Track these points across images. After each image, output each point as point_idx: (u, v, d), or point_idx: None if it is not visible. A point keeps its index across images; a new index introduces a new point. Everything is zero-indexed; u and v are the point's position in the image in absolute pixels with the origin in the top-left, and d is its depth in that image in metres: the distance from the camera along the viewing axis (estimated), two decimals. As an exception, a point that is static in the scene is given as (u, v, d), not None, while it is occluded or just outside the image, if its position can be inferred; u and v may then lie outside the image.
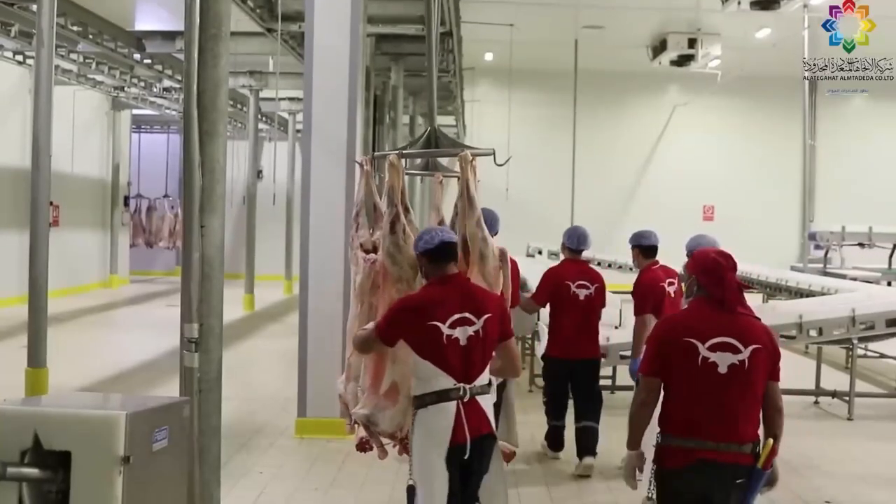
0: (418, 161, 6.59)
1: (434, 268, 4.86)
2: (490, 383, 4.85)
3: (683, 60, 22.48)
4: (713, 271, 4.47)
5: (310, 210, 9.20)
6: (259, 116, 23.62)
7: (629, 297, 8.36)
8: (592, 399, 8.37)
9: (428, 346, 4.66)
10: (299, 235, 9.53)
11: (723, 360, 4.30)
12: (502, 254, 5.63)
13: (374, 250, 5.64)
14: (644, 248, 8.49)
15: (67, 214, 22.31)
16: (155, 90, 21.86)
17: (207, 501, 4.75)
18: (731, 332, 4.34)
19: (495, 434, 4.83)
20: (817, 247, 22.42)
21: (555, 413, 8.57)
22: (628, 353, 10.51)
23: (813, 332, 11.06)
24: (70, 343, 15.05)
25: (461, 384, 4.66)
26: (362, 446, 5.55)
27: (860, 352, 12.15)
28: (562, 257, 9.16)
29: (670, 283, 8.14)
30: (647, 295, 7.89)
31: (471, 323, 4.69)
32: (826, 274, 19.03)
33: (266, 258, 25.26)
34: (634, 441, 4.51)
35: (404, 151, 6.09)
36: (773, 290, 17.61)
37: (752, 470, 4.34)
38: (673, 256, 26.81)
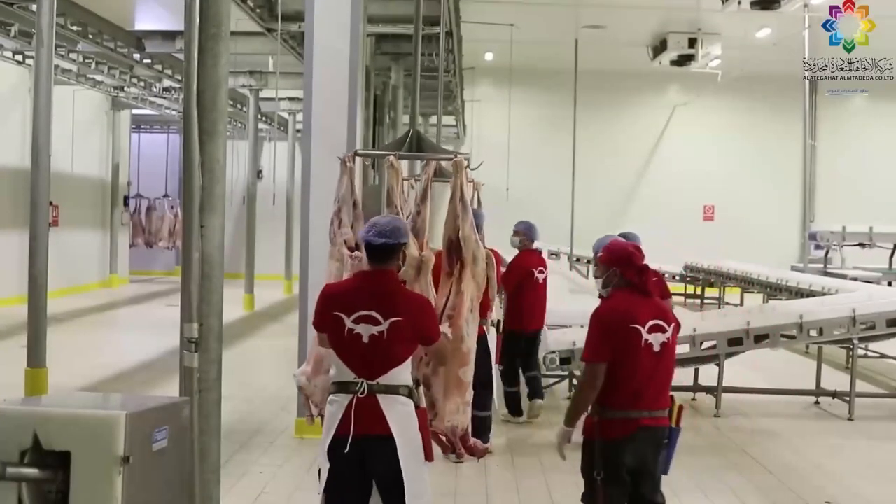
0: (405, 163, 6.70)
1: (368, 261, 4.88)
2: (407, 387, 4.77)
3: (684, 60, 22.46)
4: (629, 260, 5.00)
5: (310, 210, 9.19)
6: (259, 116, 23.61)
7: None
8: (533, 355, 10.07)
9: (333, 335, 4.76)
10: (299, 235, 9.53)
11: (656, 340, 4.90)
12: (488, 256, 5.85)
13: (358, 247, 5.66)
14: None
15: (67, 214, 22.30)
16: (155, 90, 21.85)
17: (207, 501, 4.74)
18: (658, 315, 4.96)
19: (393, 437, 4.63)
20: (818, 247, 22.39)
21: (510, 381, 10.04)
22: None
23: (813, 333, 11.06)
24: (70, 343, 15.05)
25: (360, 379, 4.68)
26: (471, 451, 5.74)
27: (861, 352, 12.15)
28: (563, 257, 10.15)
29: (540, 271, 10.33)
30: None
31: (376, 322, 4.66)
32: (826, 274, 19.03)
33: (266, 258, 25.27)
34: (573, 419, 4.96)
35: (399, 154, 6.09)
36: (774, 290, 17.60)
37: (671, 430, 4.99)
38: (673, 257, 26.95)
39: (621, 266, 5.02)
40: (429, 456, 4.89)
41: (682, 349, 10.73)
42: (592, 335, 4.95)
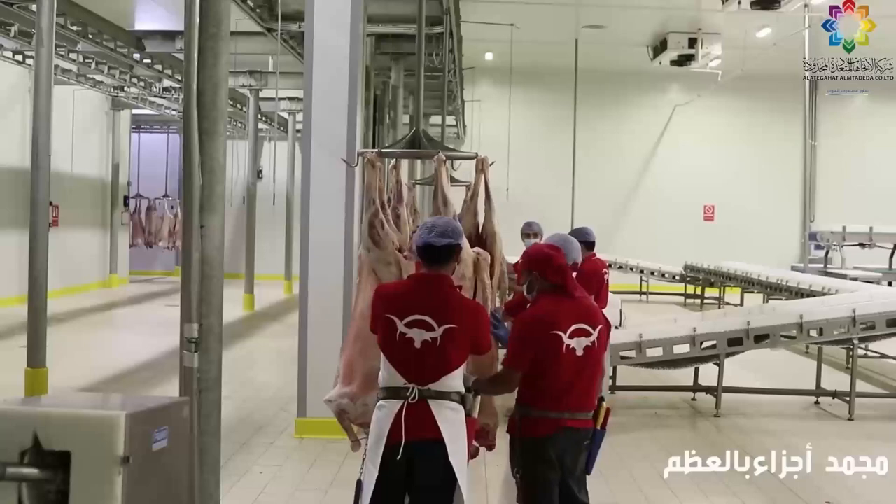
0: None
1: (425, 264, 4.80)
2: (459, 393, 4.69)
3: (684, 60, 22.48)
4: (547, 262, 4.93)
5: (310, 210, 9.19)
6: (259, 116, 23.60)
7: (630, 296, 8.51)
8: None
9: (383, 338, 4.67)
10: (299, 235, 9.52)
11: (579, 345, 4.84)
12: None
13: (400, 250, 5.69)
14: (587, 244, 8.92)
15: (67, 214, 22.29)
16: (154, 90, 21.84)
17: (207, 501, 4.74)
18: (582, 318, 4.87)
19: (444, 442, 4.54)
20: (818, 247, 22.40)
21: None
22: (630, 353, 10.56)
23: (813, 333, 11.07)
24: (70, 343, 15.06)
25: (411, 385, 4.59)
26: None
27: (861, 352, 12.15)
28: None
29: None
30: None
31: (429, 328, 4.59)
32: (827, 274, 19.04)
33: (266, 258, 25.28)
34: (487, 396, 5.13)
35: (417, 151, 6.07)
36: (774, 290, 17.62)
37: (595, 432, 4.97)
38: (673, 256, 26.89)
39: (540, 269, 4.95)
40: (470, 456, 4.92)
41: (681, 349, 10.77)
42: (513, 342, 4.87)
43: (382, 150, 6.29)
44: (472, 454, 5.29)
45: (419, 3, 7.73)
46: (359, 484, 4.70)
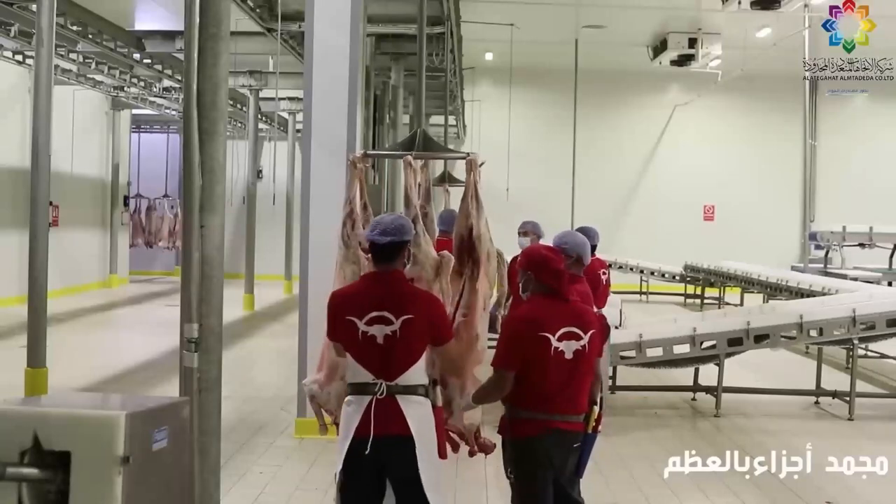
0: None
1: (374, 262, 4.92)
2: (424, 386, 4.82)
3: (684, 60, 22.48)
4: (544, 265, 4.93)
5: (310, 210, 9.19)
6: (259, 116, 23.61)
7: (630, 296, 8.51)
8: None
9: (347, 340, 4.78)
10: (299, 235, 9.52)
11: (569, 348, 4.82)
12: (499, 254, 5.78)
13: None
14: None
15: (67, 214, 22.29)
16: (154, 90, 21.85)
17: (207, 501, 4.74)
18: (573, 322, 4.86)
19: (412, 437, 4.66)
20: (818, 247, 22.40)
21: None
22: (630, 353, 10.56)
23: (813, 333, 11.08)
24: (70, 343, 15.06)
25: (379, 380, 4.70)
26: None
27: (861, 352, 12.15)
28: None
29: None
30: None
31: (388, 322, 4.69)
32: (827, 274, 19.04)
33: (266, 258, 25.28)
34: (479, 403, 5.11)
35: (415, 153, 6.04)
36: (774, 291, 17.62)
37: (586, 435, 4.99)
38: (673, 256, 26.86)
39: (535, 271, 4.95)
40: (442, 454, 5.00)
41: (681, 349, 10.77)
42: (502, 342, 4.91)
43: (368, 152, 6.29)
44: (452, 447, 5.48)
45: (420, 4, 7.74)
46: (338, 479, 4.86)
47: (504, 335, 4.95)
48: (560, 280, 4.92)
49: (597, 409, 5.03)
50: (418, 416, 4.72)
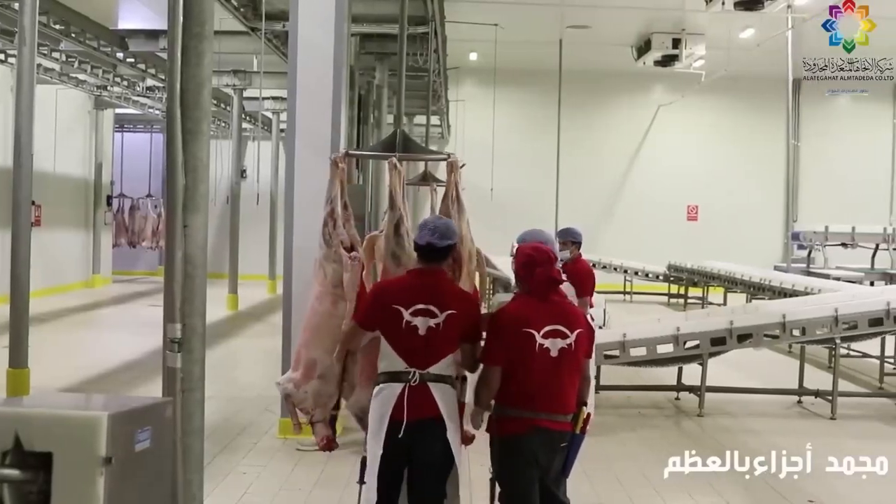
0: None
1: (420, 260, 5.15)
2: (453, 376, 5.06)
3: (668, 60, 22.53)
4: (526, 265, 5.00)
5: (293, 209, 9.17)
6: (243, 116, 23.57)
7: (613, 296, 8.54)
8: None
9: (389, 328, 4.98)
10: (283, 235, 9.50)
11: (554, 345, 4.86)
12: (478, 252, 5.91)
13: (354, 248, 5.80)
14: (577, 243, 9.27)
15: (49, 214, 22.19)
16: (138, 89, 21.79)
17: (190, 502, 4.72)
18: (558, 320, 4.90)
19: (444, 421, 4.92)
20: (801, 247, 22.53)
21: None
22: (614, 352, 10.56)
23: (796, 332, 11.13)
24: (52, 343, 14.99)
25: (412, 368, 4.93)
26: (328, 446, 5.69)
27: (843, 351, 12.21)
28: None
29: None
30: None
31: (433, 315, 4.94)
32: (809, 274, 19.14)
33: (249, 258, 25.20)
34: (475, 417, 5.12)
35: (399, 155, 6.06)
36: (757, 290, 17.70)
37: (573, 436, 4.98)
38: (657, 256, 26.90)
39: (521, 269, 5.04)
40: (465, 441, 5.23)
41: (665, 348, 10.79)
42: (488, 339, 5.01)
43: (350, 151, 6.32)
44: (468, 439, 5.50)
45: (401, 4, 7.74)
46: (363, 462, 5.05)
47: (490, 331, 5.02)
48: (535, 282, 4.96)
49: (585, 409, 5.03)
50: (447, 400, 4.98)
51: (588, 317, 9.40)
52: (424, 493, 5.01)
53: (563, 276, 5.23)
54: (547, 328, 4.87)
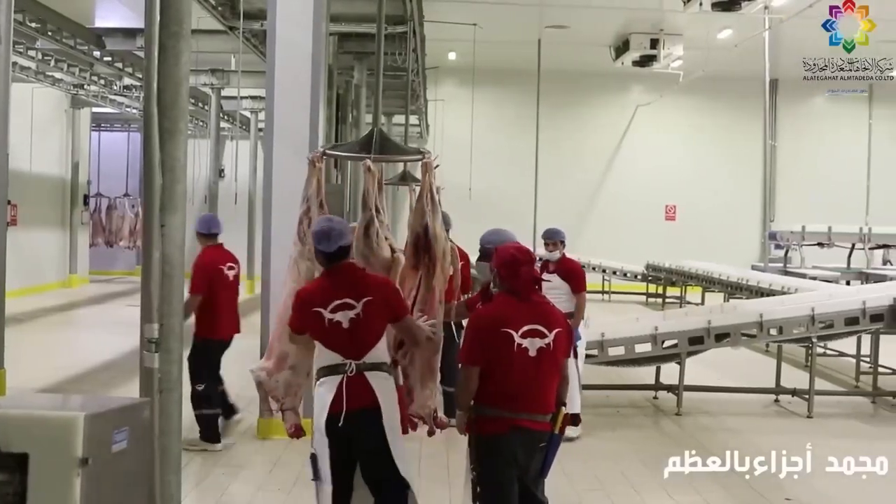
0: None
1: (324, 263, 5.40)
2: (387, 364, 5.35)
3: (646, 61, 22.58)
4: (510, 265, 5.01)
5: (272, 209, 9.15)
6: (221, 115, 23.48)
7: (592, 295, 8.60)
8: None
9: (316, 330, 5.28)
10: (261, 235, 9.47)
11: (532, 345, 4.89)
12: (453, 250, 6.06)
13: None
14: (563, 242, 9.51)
15: (25, 213, 22.03)
16: (115, 88, 21.67)
17: (168, 503, 4.70)
18: (537, 320, 4.93)
19: (380, 409, 5.16)
20: (778, 246, 22.65)
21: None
22: (592, 352, 10.57)
23: (773, 331, 11.19)
24: (29, 344, 14.88)
25: (348, 360, 5.20)
26: (296, 433, 5.81)
27: (819, 350, 12.28)
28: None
29: (230, 267, 9.00)
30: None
31: (351, 307, 5.20)
32: (786, 273, 19.24)
33: (228, 257, 25.07)
34: (464, 406, 5.04)
35: (374, 157, 6.06)
36: (734, 290, 17.77)
37: (552, 436, 5.00)
38: (635, 256, 26.93)
39: (501, 269, 5.06)
40: (405, 429, 5.47)
41: (643, 348, 10.83)
42: (466, 339, 5.07)
43: (326, 150, 6.38)
44: (412, 426, 5.78)
45: (379, 4, 7.74)
46: (313, 457, 5.26)
47: (468, 332, 5.08)
48: (519, 282, 4.99)
49: (564, 409, 5.04)
50: (384, 389, 5.23)
51: (583, 322, 9.52)
52: (380, 480, 5.21)
53: (552, 276, 5.31)
54: (525, 328, 4.89)
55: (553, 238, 9.52)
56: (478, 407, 4.99)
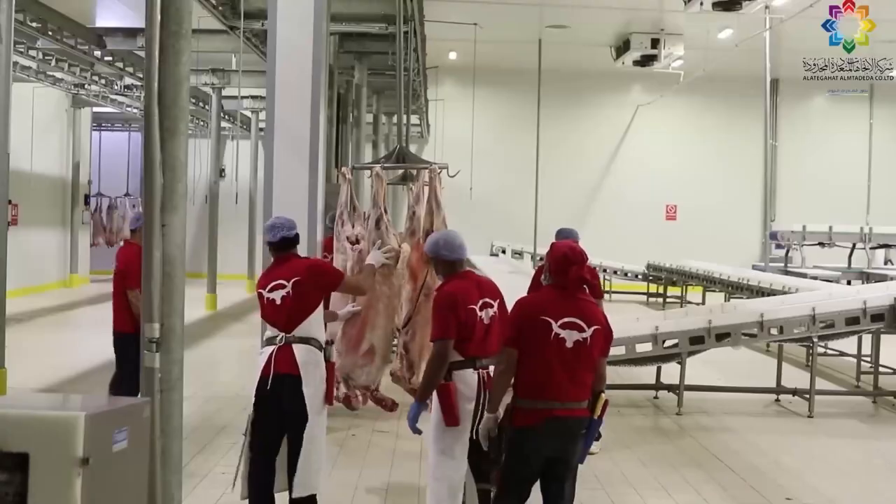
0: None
1: (272, 252, 6.25)
2: (318, 340, 6.02)
3: (646, 60, 22.58)
4: (560, 261, 5.15)
5: (272, 209, 9.12)
6: (221, 114, 23.47)
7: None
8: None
9: (262, 307, 6.14)
10: (262, 235, 9.46)
11: (570, 337, 4.99)
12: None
13: (357, 242, 7.54)
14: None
15: (26, 213, 22.03)
16: (116, 88, 21.65)
17: (168, 503, 4.70)
18: (577, 314, 5.03)
19: (300, 377, 5.84)
20: (778, 246, 22.63)
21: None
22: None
23: (774, 331, 11.17)
24: (29, 343, 14.89)
25: (280, 333, 5.96)
26: (348, 402, 7.21)
27: (820, 350, 12.28)
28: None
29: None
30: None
31: (282, 287, 6.00)
32: (787, 273, 19.23)
33: (228, 257, 25.10)
34: (495, 405, 5.15)
35: (384, 165, 7.47)
36: (735, 289, 17.76)
37: (591, 421, 5.07)
38: (636, 256, 26.92)
39: (553, 265, 5.17)
40: (328, 401, 6.06)
41: (644, 347, 10.82)
42: (507, 323, 5.29)
43: (355, 165, 7.60)
44: (340, 398, 7.00)
45: (398, 6, 7.84)
46: (249, 418, 6.05)
47: (511, 316, 5.25)
48: (567, 279, 5.08)
49: (604, 396, 5.08)
50: (307, 360, 5.90)
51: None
52: (296, 444, 5.89)
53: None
54: (564, 319, 4.98)
55: (567, 238, 9.37)
56: (515, 398, 5.05)
